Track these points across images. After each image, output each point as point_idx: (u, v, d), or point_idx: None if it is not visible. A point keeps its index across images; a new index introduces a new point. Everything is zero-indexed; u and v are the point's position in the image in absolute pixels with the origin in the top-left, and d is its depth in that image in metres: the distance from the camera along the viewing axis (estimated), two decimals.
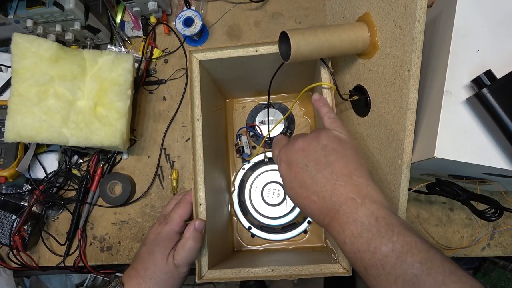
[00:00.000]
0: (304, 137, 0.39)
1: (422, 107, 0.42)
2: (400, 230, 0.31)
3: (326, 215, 0.35)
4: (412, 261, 0.29)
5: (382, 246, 0.30)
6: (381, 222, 0.31)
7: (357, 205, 0.33)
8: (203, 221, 0.46)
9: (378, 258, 0.30)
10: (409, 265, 0.29)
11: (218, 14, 0.70)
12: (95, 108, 0.58)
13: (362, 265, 0.31)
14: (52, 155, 0.66)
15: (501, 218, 0.44)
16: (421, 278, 0.28)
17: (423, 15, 0.34)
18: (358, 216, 0.32)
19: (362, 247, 0.31)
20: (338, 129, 0.40)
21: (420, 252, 0.29)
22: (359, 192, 0.34)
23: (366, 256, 0.31)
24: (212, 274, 0.46)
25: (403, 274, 0.28)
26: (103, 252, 0.64)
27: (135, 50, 0.70)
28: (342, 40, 0.42)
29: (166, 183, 0.66)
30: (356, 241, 0.32)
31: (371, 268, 0.31)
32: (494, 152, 0.37)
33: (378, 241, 0.30)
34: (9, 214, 0.62)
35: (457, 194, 0.45)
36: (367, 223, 0.32)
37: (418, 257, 0.29)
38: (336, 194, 0.34)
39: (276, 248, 0.62)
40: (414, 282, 0.28)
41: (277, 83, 0.55)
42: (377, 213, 0.32)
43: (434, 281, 0.27)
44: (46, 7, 0.56)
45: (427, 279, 0.28)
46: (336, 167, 0.36)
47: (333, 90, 0.47)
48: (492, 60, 0.38)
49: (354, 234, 0.32)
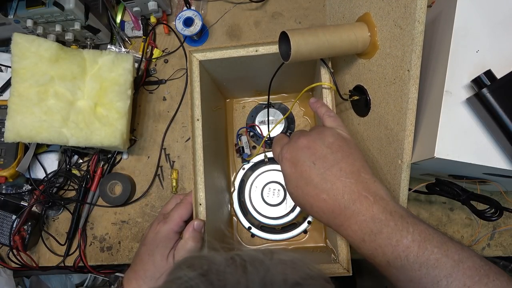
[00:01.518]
0: (308, 135, 0.39)
1: (422, 107, 0.42)
2: (412, 221, 0.33)
3: (338, 214, 0.35)
4: (431, 247, 0.31)
5: (403, 238, 0.32)
6: (395, 215, 0.33)
7: (370, 202, 0.34)
8: (202, 221, 0.46)
9: (401, 250, 0.31)
10: (430, 252, 0.31)
11: (218, 14, 0.70)
12: (95, 108, 0.58)
13: (385, 259, 0.32)
14: (52, 155, 0.66)
15: (501, 218, 0.44)
16: (442, 261, 0.30)
17: (423, 15, 0.34)
18: (374, 213, 0.33)
19: (384, 243, 0.32)
20: (340, 128, 0.40)
21: (434, 238, 0.31)
22: (369, 189, 0.35)
23: (389, 250, 0.32)
24: None
25: (426, 261, 0.31)
26: (103, 252, 0.64)
27: (135, 50, 0.70)
28: (342, 40, 0.42)
29: (166, 183, 0.66)
30: (377, 238, 0.33)
31: (394, 261, 0.32)
32: (494, 152, 0.37)
33: (398, 234, 0.32)
34: (9, 214, 0.62)
35: (457, 194, 0.44)
36: (383, 218, 0.33)
37: (434, 242, 0.31)
38: (348, 192, 0.35)
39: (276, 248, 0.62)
40: (437, 266, 0.30)
41: (277, 83, 0.55)
42: (389, 207, 0.33)
43: (453, 261, 0.30)
44: (46, 7, 0.56)
45: (447, 260, 0.30)
46: (344, 165, 0.36)
47: (333, 90, 0.47)
48: (492, 60, 0.38)
49: (373, 231, 0.33)
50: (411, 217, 0.33)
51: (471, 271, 0.30)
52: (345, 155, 0.37)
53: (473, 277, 0.30)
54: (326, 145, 0.37)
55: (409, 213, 0.34)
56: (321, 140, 0.38)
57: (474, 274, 0.30)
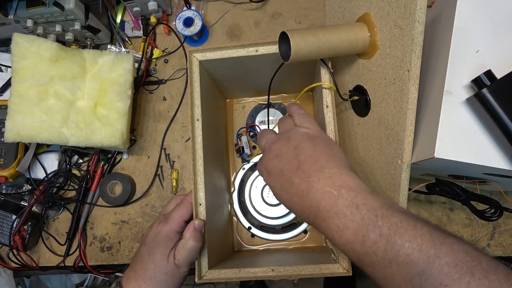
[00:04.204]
0: (276, 141, 0.40)
1: (422, 107, 0.42)
2: (383, 213, 0.30)
3: (308, 214, 0.35)
4: (401, 241, 0.28)
5: (370, 233, 0.30)
6: (363, 209, 0.31)
7: (334, 197, 0.33)
8: (202, 221, 0.46)
9: (368, 246, 0.30)
10: (399, 247, 0.28)
11: (218, 14, 0.70)
12: (95, 108, 0.58)
13: (355, 255, 0.31)
14: (52, 155, 0.66)
15: (501, 218, 0.44)
16: (413, 257, 0.28)
17: (423, 15, 0.34)
18: (338, 208, 0.32)
19: (351, 238, 0.31)
20: (306, 124, 0.41)
21: (407, 231, 0.29)
22: (334, 184, 0.34)
23: (357, 246, 0.31)
24: (212, 274, 0.46)
25: (395, 257, 0.28)
26: (103, 252, 0.64)
27: (135, 50, 0.70)
28: (342, 41, 0.42)
29: (166, 183, 0.66)
30: (344, 234, 0.32)
31: (364, 257, 0.31)
32: (494, 152, 0.37)
33: (364, 229, 0.30)
34: (9, 214, 0.62)
35: (457, 194, 0.44)
36: (349, 213, 0.32)
37: (406, 236, 0.28)
38: (311, 191, 0.34)
39: (276, 248, 0.62)
40: (408, 262, 0.28)
41: (277, 83, 0.55)
42: (356, 200, 0.32)
43: (426, 257, 0.27)
44: (46, 7, 0.56)
45: (419, 256, 0.27)
46: (307, 165, 0.36)
47: (333, 90, 0.47)
48: (492, 60, 0.38)
49: (340, 228, 0.32)
50: (384, 209, 0.31)
51: (449, 267, 0.26)
52: (308, 155, 0.37)
53: (451, 274, 0.26)
54: (292, 149, 0.38)
55: (383, 204, 0.31)
56: (287, 145, 0.39)
57: (453, 272, 0.26)
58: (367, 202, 0.32)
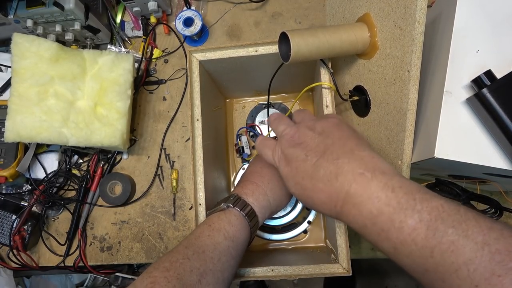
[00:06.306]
0: (299, 129, 0.37)
1: (422, 107, 0.42)
2: (421, 197, 0.28)
3: (336, 200, 0.32)
4: (444, 227, 0.25)
5: (408, 219, 0.27)
6: (399, 192, 0.28)
7: (367, 179, 0.30)
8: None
9: (406, 233, 0.27)
10: (442, 233, 0.25)
11: (218, 14, 0.70)
12: (95, 108, 0.58)
13: (391, 245, 0.28)
14: (52, 155, 0.66)
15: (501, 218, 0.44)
16: (459, 244, 0.25)
17: (423, 16, 0.34)
18: (372, 192, 0.29)
19: (386, 226, 0.28)
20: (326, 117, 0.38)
21: (450, 215, 0.26)
22: (366, 166, 0.31)
23: (393, 234, 0.28)
24: None
25: (438, 244, 0.25)
26: (103, 252, 0.64)
27: (135, 50, 0.70)
28: (342, 41, 0.42)
29: (166, 183, 0.66)
30: (378, 221, 0.28)
31: (401, 247, 0.27)
32: (494, 152, 0.37)
33: (402, 214, 0.27)
34: (9, 214, 0.62)
35: (457, 194, 0.44)
36: (384, 196, 0.28)
37: (449, 221, 0.26)
38: (342, 172, 0.31)
39: (276, 248, 0.62)
40: (453, 249, 0.25)
41: (277, 83, 0.55)
42: (391, 183, 0.29)
43: (474, 244, 0.24)
44: (46, 7, 0.56)
45: (466, 243, 0.24)
46: (335, 147, 0.33)
47: (333, 90, 0.47)
48: (492, 60, 0.38)
49: (373, 213, 0.29)
50: (422, 193, 0.28)
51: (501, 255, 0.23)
52: (335, 138, 0.34)
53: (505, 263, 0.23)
54: (317, 134, 0.35)
55: (419, 188, 0.28)
56: (312, 130, 0.36)
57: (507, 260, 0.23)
58: (403, 185, 0.29)
